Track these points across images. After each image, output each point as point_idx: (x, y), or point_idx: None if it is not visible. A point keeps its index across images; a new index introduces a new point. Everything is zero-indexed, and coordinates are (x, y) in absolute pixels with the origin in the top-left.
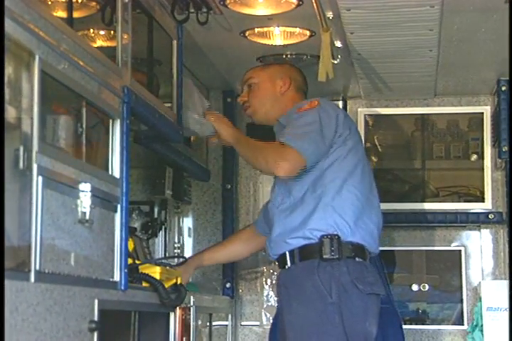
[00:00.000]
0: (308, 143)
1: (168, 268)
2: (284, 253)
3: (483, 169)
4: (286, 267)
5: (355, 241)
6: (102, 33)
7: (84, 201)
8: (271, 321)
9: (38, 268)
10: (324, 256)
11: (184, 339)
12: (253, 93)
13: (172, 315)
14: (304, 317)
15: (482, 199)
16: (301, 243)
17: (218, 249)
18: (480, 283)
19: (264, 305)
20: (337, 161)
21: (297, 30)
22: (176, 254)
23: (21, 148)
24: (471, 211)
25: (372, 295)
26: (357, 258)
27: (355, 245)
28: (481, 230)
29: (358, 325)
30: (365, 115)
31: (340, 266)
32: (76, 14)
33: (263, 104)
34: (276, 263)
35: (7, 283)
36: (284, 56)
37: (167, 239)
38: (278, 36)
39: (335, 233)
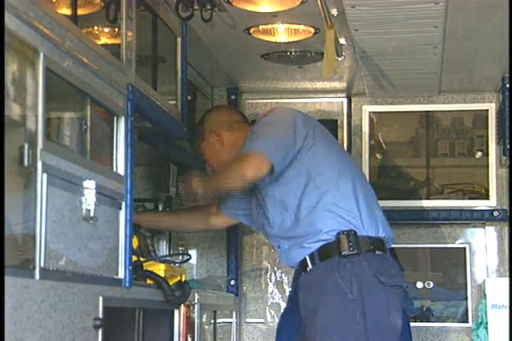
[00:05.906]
0: (265, 142)
1: (172, 265)
2: (304, 258)
3: (487, 166)
4: (308, 269)
5: (372, 234)
6: (106, 30)
7: (89, 198)
8: (275, 318)
9: (42, 265)
10: (343, 253)
11: (188, 336)
12: (210, 162)
13: (176, 312)
14: (324, 315)
15: (487, 197)
16: (319, 245)
17: (171, 217)
18: (485, 280)
19: (269, 303)
20: (320, 161)
21: (301, 27)
22: (181, 252)
23: (26, 146)
24: (476, 208)
25: (395, 287)
26: (377, 252)
27: (373, 238)
28: (486, 227)
29: (382, 320)
30: (369, 112)
31: (359, 261)
32: (80, 11)
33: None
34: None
35: (12, 280)
36: (288, 53)
37: (171, 236)
38: (282, 33)
39: (350, 229)
